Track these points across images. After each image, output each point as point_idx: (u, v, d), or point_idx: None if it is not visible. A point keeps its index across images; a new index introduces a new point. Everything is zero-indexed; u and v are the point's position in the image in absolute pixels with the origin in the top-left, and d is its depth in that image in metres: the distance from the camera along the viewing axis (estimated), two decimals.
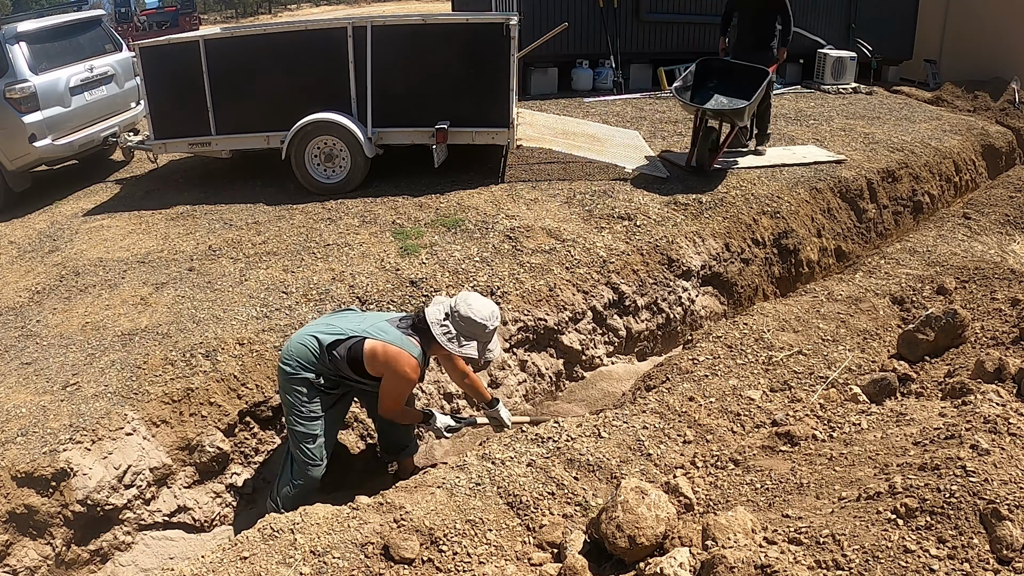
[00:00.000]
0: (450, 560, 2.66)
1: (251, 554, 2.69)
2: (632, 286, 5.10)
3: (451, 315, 3.33)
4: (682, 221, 5.68)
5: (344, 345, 3.34)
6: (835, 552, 2.06)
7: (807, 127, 8.37)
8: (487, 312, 3.32)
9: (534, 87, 10.20)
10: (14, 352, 4.37)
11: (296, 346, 3.40)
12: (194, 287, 4.87)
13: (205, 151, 6.73)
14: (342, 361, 3.34)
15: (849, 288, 5.00)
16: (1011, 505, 2.02)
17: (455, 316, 3.31)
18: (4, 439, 3.54)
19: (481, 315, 3.30)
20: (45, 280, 5.26)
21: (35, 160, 6.93)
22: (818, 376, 3.90)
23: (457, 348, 3.32)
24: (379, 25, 6.09)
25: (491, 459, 3.19)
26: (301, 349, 3.38)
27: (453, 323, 3.31)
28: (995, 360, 3.35)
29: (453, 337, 3.31)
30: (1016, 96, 10.04)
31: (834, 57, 10.45)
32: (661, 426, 3.45)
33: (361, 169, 6.31)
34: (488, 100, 6.17)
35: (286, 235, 5.55)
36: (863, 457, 2.64)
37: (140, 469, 3.61)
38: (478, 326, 3.30)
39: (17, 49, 6.71)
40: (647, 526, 2.41)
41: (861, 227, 6.75)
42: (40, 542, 3.35)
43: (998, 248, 6.41)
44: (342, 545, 2.71)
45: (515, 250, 5.18)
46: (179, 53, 6.34)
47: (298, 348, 3.39)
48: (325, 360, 3.36)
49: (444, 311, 3.35)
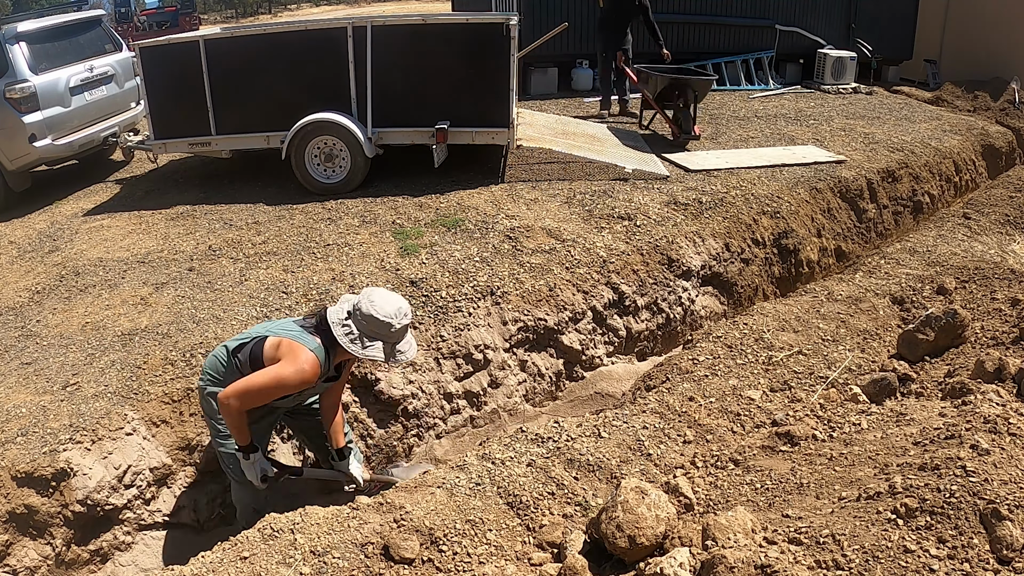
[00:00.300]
0: (450, 560, 2.66)
1: (251, 554, 2.69)
2: (632, 286, 5.10)
3: (353, 313, 3.01)
4: (682, 221, 5.68)
5: (247, 348, 3.11)
6: (835, 552, 2.06)
7: (807, 127, 8.37)
8: (391, 309, 2.98)
9: (534, 87, 10.20)
10: (14, 352, 4.37)
11: (210, 359, 3.24)
12: (194, 287, 4.87)
13: (205, 151, 6.73)
14: (245, 364, 3.09)
15: (849, 288, 5.00)
16: (1011, 505, 2.02)
17: (356, 314, 2.99)
18: (4, 439, 3.54)
19: (384, 312, 2.96)
20: (45, 280, 5.26)
21: (35, 160, 6.93)
22: (818, 376, 3.90)
23: (360, 350, 2.98)
24: (379, 25, 6.09)
25: (491, 459, 3.19)
26: (212, 361, 3.21)
27: (355, 322, 2.99)
28: (995, 360, 3.35)
29: (356, 338, 2.98)
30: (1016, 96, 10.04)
31: (834, 57, 10.45)
32: (661, 426, 3.45)
33: (361, 169, 6.31)
34: (488, 100, 6.17)
35: (286, 235, 5.55)
36: (863, 457, 2.64)
37: (140, 469, 3.61)
38: (382, 324, 2.96)
39: (17, 49, 6.72)
40: (647, 526, 2.41)
41: (861, 227, 6.75)
42: (40, 542, 3.35)
43: (998, 248, 6.41)
44: (342, 545, 2.71)
45: (515, 250, 5.18)
46: (179, 53, 6.34)
47: (210, 360, 3.22)
48: (233, 367, 3.13)
49: (347, 309, 3.04)
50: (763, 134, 8.06)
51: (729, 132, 8.16)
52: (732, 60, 10.64)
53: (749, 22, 10.68)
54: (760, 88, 10.53)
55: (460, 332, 4.49)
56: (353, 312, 3.01)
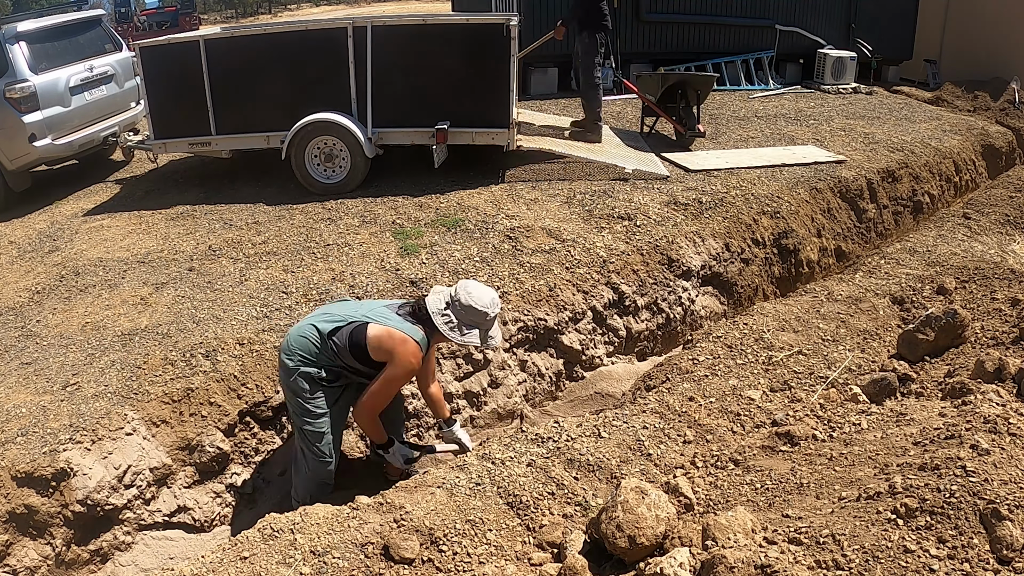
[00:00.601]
0: (450, 560, 2.66)
1: (251, 554, 2.69)
2: (632, 286, 5.10)
3: (452, 304, 3.32)
4: (682, 221, 5.68)
5: (343, 332, 3.29)
6: (835, 552, 2.06)
7: (807, 127, 8.38)
8: (487, 300, 3.32)
9: (534, 87, 10.19)
10: (14, 352, 4.37)
11: (296, 339, 3.35)
12: (194, 287, 4.87)
13: (205, 151, 6.73)
14: (343, 349, 3.29)
15: (849, 288, 5.00)
16: (1011, 505, 2.02)
17: (456, 305, 3.30)
18: (4, 439, 3.54)
19: (482, 303, 3.30)
20: (45, 280, 5.26)
21: (35, 160, 6.94)
22: (818, 376, 3.90)
23: (459, 337, 3.31)
24: (379, 25, 6.09)
25: (491, 459, 3.19)
26: (302, 341, 3.33)
27: (454, 312, 3.31)
28: (995, 360, 3.35)
29: (455, 327, 3.30)
30: (1016, 96, 10.04)
31: (834, 57, 10.45)
32: (661, 426, 3.45)
33: (361, 169, 6.32)
34: (488, 100, 6.17)
35: (286, 235, 5.55)
36: (863, 457, 2.64)
37: (140, 469, 3.61)
38: (479, 314, 3.29)
39: (17, 49, 6.72)
40: (647, 526, 2.41)
41: (861, 227, 6.75)
42: (40, 542, 3.34)
43: (998, 248, 6.41)
44: (342, 545, 2.71)
45: (515, 250, 5.18)
46: (179, 53, 6.34)
47: (299, 340, 3.34)
48: (327, 350, 3.30)
49: (444, 300, 3.34)
50: (763, 134, 8.06)
51: (729, 132, 8.16)
52: (732, 60, 10.64)
53: (749, 22, 10.68)
54: (760, 88, 10.53)
55: None
56: (452, 303, 3.32)
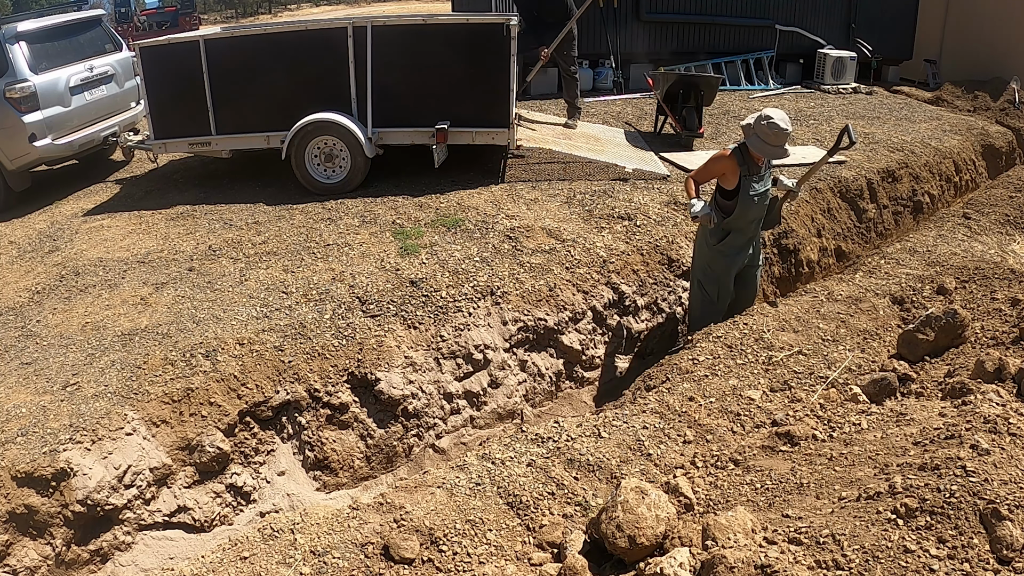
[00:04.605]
0: (450, 560, 2.66)
1: (251, 554, 2.69)
2: (632, 286, 5.10)
3: (755, 126, 4.21)
4: (682, 221, 5.68)
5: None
6: (835, 552, 2.06)
7: (807, 127, 8.37)
8: (785, 118, 4.18)
9: (534, 87, 10.18)
10: (14, 352, 4.37)
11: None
12: (194, 287, 4.87)
13: (205, 151, 6.73)
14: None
15: (849, 288, 5.00)
16: (1011, 505, 2.02)
17: (761, 124, 4.17)
18: (4, 439, 3.54)
19: (785, 122, 4.15)
20: (45, 280, 5.26)
21: (35, 160, 6.93)
22: (818, 376, 3.90)
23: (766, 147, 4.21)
24: (379, 25, 6.09)
25: (491, 459, 3.19)
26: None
27: (760, 132, 4.20)
28: (995, 360, 3.35)
29: (761, 143, 4.21)
30: (1016, 96, 10.04)
31: (834, 57, 10.45)
32: (661, 426, 3.45)
33: (361, 169, 6.31)
34: (488, 100, 6.17)
35: (286, 235, 5.55)
36: (863, 457, 2.64)
37: (140, 469, 3.61)
38: (782, 130, 4.15)
39: (17, 49, 6.71)
40: (647, 526, 2.41)
41: (861, 227, 6.75)
42: (40, 542, 3.35)
43: (998, 248, 6.41)
44: (342, 545, 2.71)
45: (515, 250, 5.18)
46: (179, 53, 6.34)
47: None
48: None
49: (750, 123, 4.26)
50: None
51: (729, 132, 8.16)
52: (732, 60, 10.64)
53: (749, 22, 10.68)
54: (760, 88, 10.53)
55: (460, 332, 4.50)
56: (756, 124, 4.21)
